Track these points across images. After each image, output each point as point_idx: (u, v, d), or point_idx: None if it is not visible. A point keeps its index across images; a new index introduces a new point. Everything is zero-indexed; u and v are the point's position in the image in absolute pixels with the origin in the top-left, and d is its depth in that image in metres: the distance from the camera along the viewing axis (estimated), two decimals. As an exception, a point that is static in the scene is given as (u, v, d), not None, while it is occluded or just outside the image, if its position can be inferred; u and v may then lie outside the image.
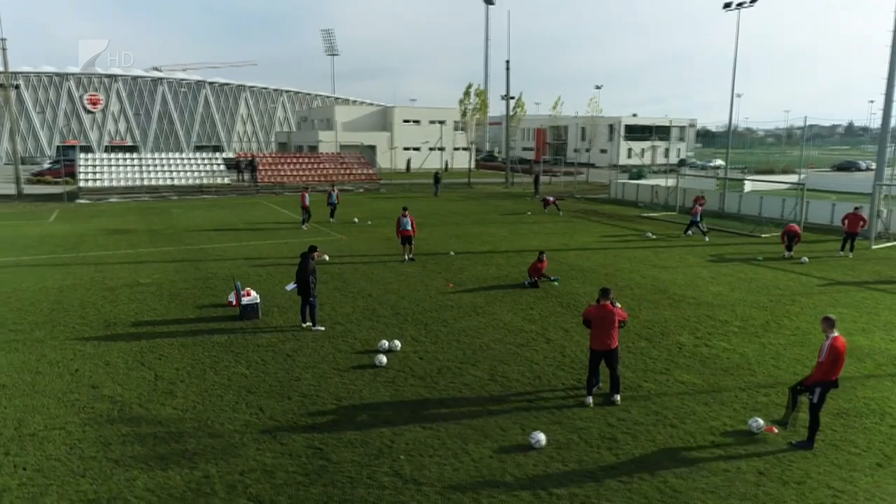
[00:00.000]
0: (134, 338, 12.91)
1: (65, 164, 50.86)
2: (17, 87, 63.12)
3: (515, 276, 18.71)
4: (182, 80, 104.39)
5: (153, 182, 43.69)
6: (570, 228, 29.30)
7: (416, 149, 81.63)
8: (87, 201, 39.51)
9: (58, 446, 8.45)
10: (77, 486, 7.49)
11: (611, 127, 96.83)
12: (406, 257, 21.25)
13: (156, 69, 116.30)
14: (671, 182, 40.19)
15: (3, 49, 39.12)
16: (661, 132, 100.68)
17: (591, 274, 19.28)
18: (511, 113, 55.49)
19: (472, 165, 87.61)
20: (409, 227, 21.32)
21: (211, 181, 44.47)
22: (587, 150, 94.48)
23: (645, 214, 34.45)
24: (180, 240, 25.32)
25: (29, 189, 45.17)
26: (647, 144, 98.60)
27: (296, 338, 13.01)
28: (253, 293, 14.82)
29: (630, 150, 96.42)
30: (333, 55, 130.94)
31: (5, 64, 39.92)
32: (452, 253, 22.69)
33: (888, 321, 14.51)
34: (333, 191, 31.31)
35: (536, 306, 15.57)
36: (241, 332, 13.30)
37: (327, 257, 21.21)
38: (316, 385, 10.59)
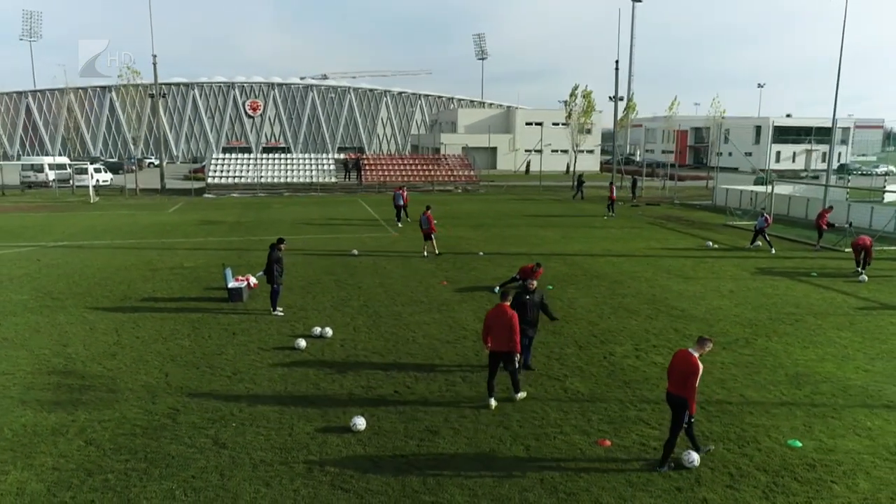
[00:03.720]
0: (131, 310, 15.16)
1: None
2: (164, 96, 72.56)
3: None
4: (330, 86, 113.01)
5: (271, 180, 48.41)
6: (633, 234, 28.12)
7: (538, 151, 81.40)
8: (212, 196, 44.90)
9: (-3, 386, 10.53)
10: (-19, 417, 9.40)
11: (757, 129, 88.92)
12: (425, 253, 22.08)
13: (324, 76, 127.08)
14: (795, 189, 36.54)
15: (154, 64, 45.84)
16: (822, 134, 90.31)
17: (599, 281, 18.72)
18: (622, 115, 53.54)
19: (598, 168, 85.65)
20: (427, 226, 22.32)
21: (317, 180, 48.27)
22: (730, 154, 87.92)
23: (730, 223, 31.89)
24: (252, 231, 28.25)
25: (175, 184, 52.11)
26: (800, 147, 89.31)
27: (254, 320, 14.45)
28: (253, 279, 16.63)
29: (779, 153, 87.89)
30: (483, 59, 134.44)
31: (155, 77, 46.70)
32: (482, 253, 23.03)
33: (890, 351, 12.70)
34: (402, 192, 32.65)
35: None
36: (216, 312, 15.02)
37: (356, 251, 22.66)
38: (230, 360, 11.88)
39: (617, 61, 50.75)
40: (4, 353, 12.11)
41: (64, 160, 53.98)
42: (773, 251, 23.69)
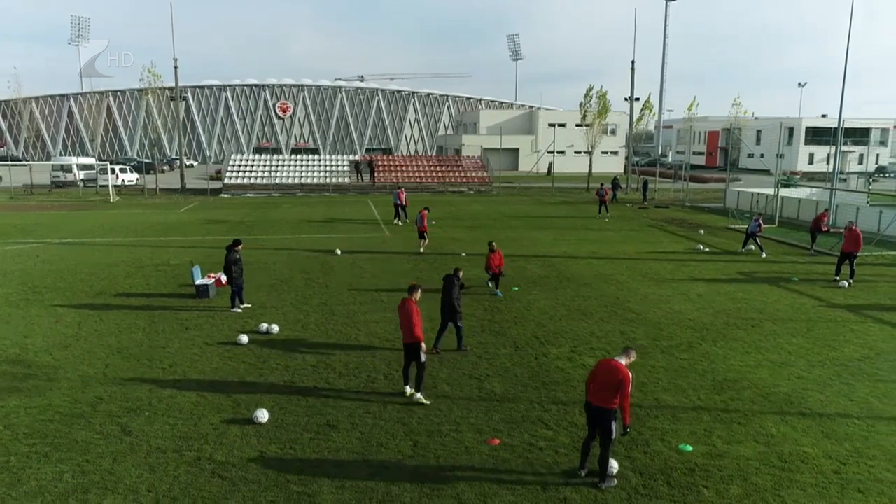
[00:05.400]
0: (102, 305, 15.86)
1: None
2: (185, 98, 74.66)
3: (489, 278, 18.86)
4: (359, 88, 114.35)
5: (286, 181, 49.41)
6: (626, 237, 27.87)
7: (561, 152, 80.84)
8: (228, 196, 46.12)
9: (-52, 374, 11.23)
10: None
11: (790, 130, 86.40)
12: (420, 249, 23.10)
13: (361, 78, 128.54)
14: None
15: (175, 68, 47.36)
16: (858, 136, 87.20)
17: (569, 283, 18.70)
18: (638, 116, 52.89)
19: (622, 170, 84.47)
20: (421, 224, 23.26)
21: (329, 181, 49.09)
22: (761, 156, 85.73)
23: (732, 226, 31.25)
24: (249, 231, 28.98)
25: (198, 184, 53.62)
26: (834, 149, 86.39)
27: (212, 315, 14.97)
28: (224, 277, 17.19)
29: (812, 155, 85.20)
30: (517, 59, 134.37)
31: (176, 80, 48.21)
32: (464, 254, 23.21)
33: (837, 359, 12.43)
34: (400, 192, 33.05)
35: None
36: (179, 308, 15.60)
37: (339, 251, 23.11)
38: (171, 353, 12.38)
39: (633, 62, 50.20)
40: (-33, 343, 12.89)
41: (90, 160, 56.06)
42: (764, 255, 23.23)
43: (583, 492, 7.66)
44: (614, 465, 8.00)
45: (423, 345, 10.06)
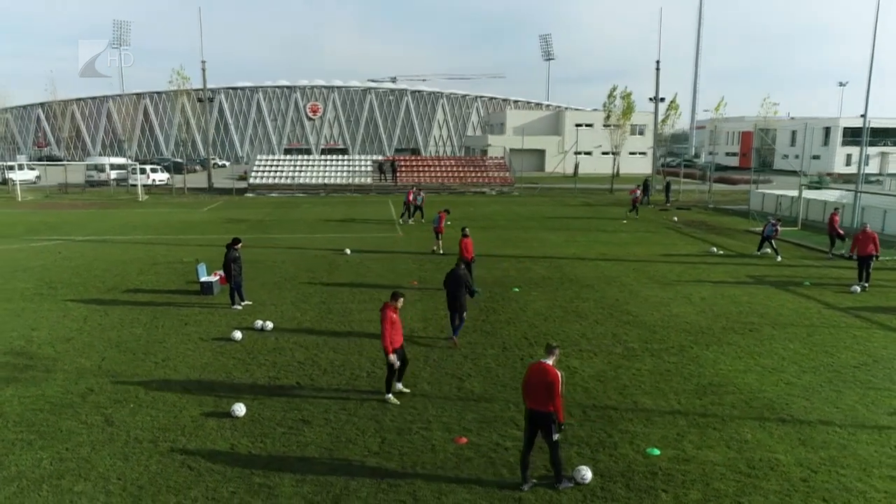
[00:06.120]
0: (110, 301, 16.41)
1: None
2: (212, 99, 76.16)
3: (491, 280, 18.92)
4: (388, 89, 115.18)
5: (310, 181, 50.12)
6: (640, 239, 27.54)
7: (588, 153, 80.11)
8: (252, 195, 47.02)
9: (-45, 363, 11.80)
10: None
11: (826, 130, 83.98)
12: (437, 250, 23.47)
13: (392, 80, 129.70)
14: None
15: (203, 70, 48.49)
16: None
17: (570, 285, 18.61)
18: (664, 117, 52.12)
19: (655, 171, 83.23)
20: (438, 224, 23.63)
21: (351, 181, 49.64)
22: (796, 157, 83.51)
23: (752, 229, 30.58)
24: (266, 230, 29.55)
25: (223, 184, 54.76)
26: (874, 150, 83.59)
27: (212, 312, 15.36)
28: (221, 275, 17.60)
29: (849, 156, 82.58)
30: (549, 59, 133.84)
31: (204, 82, 49.37)
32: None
33: (832, 365, 12.15)
34: (419, 193, 33.41)
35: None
36: (182, 304, 16.04)
37: (349, 251, 23.41)
38: (167, 348, 12.76)
39: (658, 61, 49.52)
40: (-22, 335, 13.50)
41: (122, 160, 57.73)
42: (779, 258, 22.72)
43: (539, 492, 7.69)
44: (588, 474, 7.95)
45: (389, 357, 10.03)
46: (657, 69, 49.92)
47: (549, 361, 7.72)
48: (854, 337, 13.78)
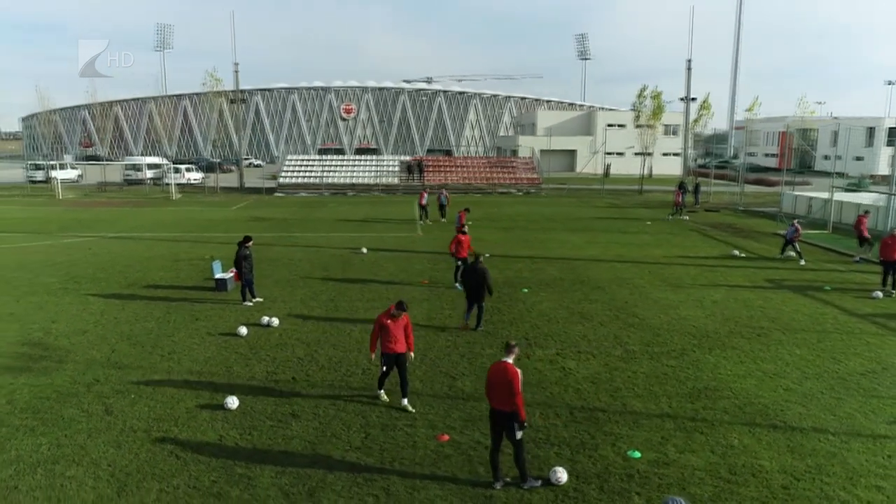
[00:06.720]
0: (129, 295, 17.00)
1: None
2: (244, 100, 77.64)
3: (502, 280, 18.94)
4: (420, 89, 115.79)
5: (338, 180, 50.80)
6: (662, 241, 27.13)
7: (620, 154, 79.08)
8: (281, 195, 47.88)
9: (-24, 353, 12.44)
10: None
11: (870, 130, 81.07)
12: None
13: (427, 80, 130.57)
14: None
15: (236, 72, 49.69)
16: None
17: (581, 286, 18.50)
18: (695, 117, 51.20)
19: (686, 172, 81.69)
20: (459, 223, 23.48)
21: (378, 181, 50.15)
22: (838, 158, 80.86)
23: (779, 231, 29.82)
24: (288, 228, 30.11)
25: (254, 183, 55.91)
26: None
27: (223, 308, 15.78)
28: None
29: (894, 157, 79.45)
30: (585, 59, 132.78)
31: (237, 83, 50.55)
32: (487, 255, 23.19)
33: (837, 372, 11.85)
34: (443, 193, 33.73)
35: (459, 305, 15.91)
36: (196, 300, 16.52)
37: (365, 250, 23.71)
38: (175, 342, 13.18)
39: (689, 60, 48.65)
40: (1, 326, 14.16)
41: (157, 160, 59.44)
42: (803, 262, 22.13)
43: (510, 491, 7.74)
44: (563, 475, 7.97)
45: (372, 357, 10.16)
46: (688, 68, 49.08)
47: (509, 360, 7.76)
48: (866, 344, 13.39)
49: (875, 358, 12.54)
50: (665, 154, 77.42)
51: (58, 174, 48.52)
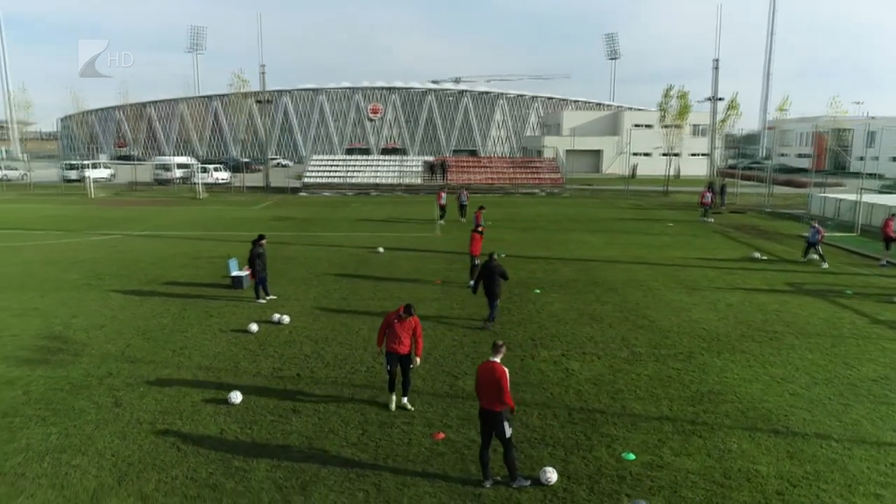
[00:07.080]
0: (148, 291, 17.45)
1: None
2: (270, 101, 78.62)
3: (515, 280, 18.91)
4: (447, 89, 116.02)
5: (362, 180, 51.24)
6: (682, 243, 26.80)
7: (647, 154, 78.08)
8: (305, 194, 48.47)
9: (-1, 345, 12.94)
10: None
11: (909, 130, 78.55)
12: None
13: (456, 81, 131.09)
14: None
15: (262, 73, 50.43)
16: None
17: (594, 287, 18.40)
18: (723, 117, 50.32)
19: (713, 172, 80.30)
20: (474, 223, 24.15)
21: (401, 181, 50.45)
22: (875, 159, 78.67)
23: (803, 233, 29.12)
24: (307, 228, 30.51)
25: (279, 183, 56.65)
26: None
27: (237, 305, 16.10)
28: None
29: (933, 158, 77.00)
30: (614, 59, 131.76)
31: (263, 84, 51.35)
32: (503, 255, 23.22)
33: (848, 377, 11.61)
34: (463, 193, 33.98)
35: (468, 305, 15.98)
36: (212, 297, 16.89)
37: (381, 249, 23.91)
38: (187, 337, 13.51)
39: (716, 60, 47.88)
40: (25, 320, 14.68)
41: (185, 160, 60.65)
42: (826, 265, 21.65)
43: (500, 490, 7.79)
44: (553, 475, 7.98)
45: (378, 349, 10.32)
46: (715, 68, 48.32)
47: (496, 359, 7.80)
48: (882, 349, 13.07)
49: (890, 364, 12.24)
50: (693, 154, 76.24)
51: (90, 173, 49.88)
